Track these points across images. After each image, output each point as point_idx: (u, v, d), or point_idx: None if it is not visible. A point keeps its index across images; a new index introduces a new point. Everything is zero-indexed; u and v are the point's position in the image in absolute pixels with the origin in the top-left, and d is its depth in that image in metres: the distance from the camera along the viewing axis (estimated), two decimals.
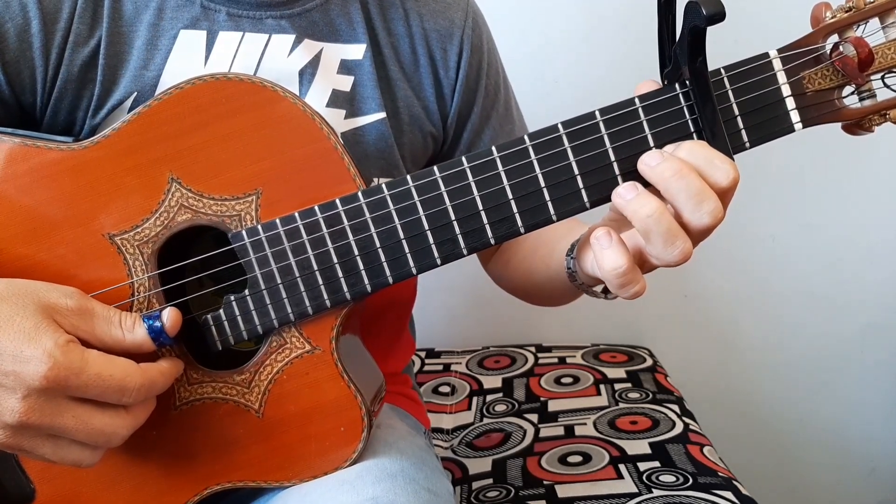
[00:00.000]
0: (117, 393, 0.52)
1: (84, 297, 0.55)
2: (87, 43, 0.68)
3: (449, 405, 1.25)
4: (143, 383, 0.54)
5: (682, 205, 0.53)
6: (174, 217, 0.60)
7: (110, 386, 0.52)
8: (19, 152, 0.59)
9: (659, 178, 0.54)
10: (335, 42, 0.75)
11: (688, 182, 0.53)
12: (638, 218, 0.54)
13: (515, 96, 0.90)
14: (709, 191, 0.53)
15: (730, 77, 0.57)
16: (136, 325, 0.56)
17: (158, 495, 0.62)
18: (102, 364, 0.52)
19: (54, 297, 0.53)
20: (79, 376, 0.51)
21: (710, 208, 0.53)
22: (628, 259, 0.55)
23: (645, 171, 0.55)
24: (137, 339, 0.56)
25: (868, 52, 0.55)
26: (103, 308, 0.56)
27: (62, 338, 0.51)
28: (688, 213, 0.54)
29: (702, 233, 0.55)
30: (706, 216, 0.53)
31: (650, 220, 0.53)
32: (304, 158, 0.59)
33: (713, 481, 0.93)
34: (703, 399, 1.41)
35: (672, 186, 0.53)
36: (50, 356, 0.50)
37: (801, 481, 1.65)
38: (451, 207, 0.58)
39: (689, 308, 1.57)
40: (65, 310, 0.53)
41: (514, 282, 0.86)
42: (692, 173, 0.53)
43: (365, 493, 0.58)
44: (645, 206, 0.54)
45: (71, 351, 0.51)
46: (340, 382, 0.61)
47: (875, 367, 1.58)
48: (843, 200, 1.50)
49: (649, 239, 0.54)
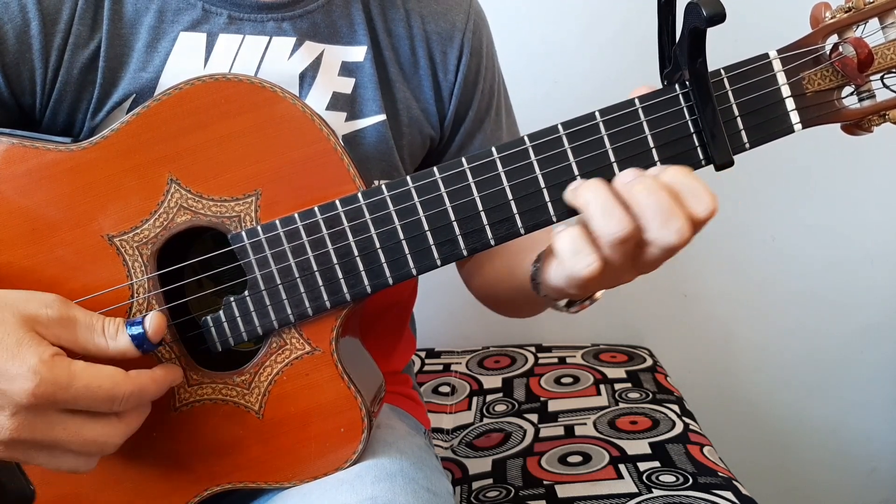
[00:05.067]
0: (107, 402, 0.52)
1: (65, 305, 0.54)
2: (88, 45, 0.68)
3: (449, 405, 1.25)
4: (133, 391, 0.53)
5: (649, 222, 0.53)
6: (173, 218, 0.60)
7: (99, 396, 0.51)
8: (18, 153, 0.59)
9: (629, 194, 0.53)
10: (336, 44, 0.74)
11: (657, 198, 0.52)
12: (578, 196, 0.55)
13: (509, 102, 0.89)
14: (679, 210, 0.52)
15: (730, 78, 0.57)
16: (119, 333, 0.55)
17: (158, 496, 0.62)
18: (90, 375, 0.51)
19: (34, 308, 0.52)
20: (66, 390, 0.50)
21: (677, 226, 0.52)
22: (580, 228, 0.55)
23: (617, 185, 0.55)
24: (121, 346, 0.55)
25: (868, 52, 0.55)
26: (86, 315, 0.54)
27: (46, 352, 0.50)
28: (654, 231, 0.53)
29: (667, 252, 0.54)
30: (673, 234, 0.52)
31: (588, 193, 0.54)
32: (304, 159, 0.59)
33: (713, 481, 0.93)
34: (703, 399, 1.40)
35: (641, 202, 0.53)
36: (35, 373, 0.49)
37: (801, 481, 1.65)
38: (452, 208, 0.58)
39: (689, 308, 1.57)
40: (46, 320, 0.52)
41: (484, 290, 0.86)
42: (663, 191, 0.53)
43: (364, 493, 0.58)
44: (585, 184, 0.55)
45: (56, 365, 0.50)
46: (340, 383, 0.61)
47: (875, 367, 1.58)
48: (844, 201, 1.50)
49: (588, 211, 0.54)
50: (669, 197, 0.52)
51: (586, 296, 0.63)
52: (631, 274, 0.58)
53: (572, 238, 0.54)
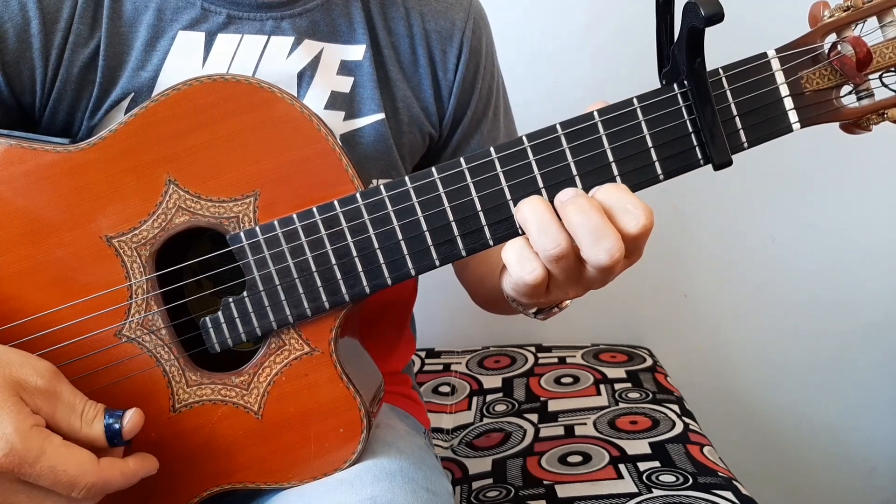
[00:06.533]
0: (66, 488, 0.51)
1: (56, 379, 0.54)
2: (87, 44, 0.68)
3: (449, 405, 1.25)
4: (96, 483, 0.52)
5: (581, 240, 0.54)
6: (172, 219, 0.60)
7: (61, 480, 0.51)
8: (16, 154, 0.59)
9: (562, 212, 0.55)
10: (335, 43, 0.74)
11: (588, 217, 0.53)
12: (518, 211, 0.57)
13: (508, 102, 0.89)
14: (610, 229, 0.53)
15: (728, 77, 0.57)
16: (95, 420, 0.54)
17: (158, 497, 0.62)
18: (59, 457, 0.51)
19: (25, 374, 0.52)
20: (32, 466, 0.50)
21: (608, 246, 0.53)
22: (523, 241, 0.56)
23: (556, 204, 0.56)
24: (93, 434, 0.54)
25: (866, 51, 0.55)
26: (71, 394, 0.54)
27: (25, 423, 0.50)
28: (586, 250, 0.54)
29: (602, 271, 0.55)
30: (603, 254, 0.53)
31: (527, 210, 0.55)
32: (302, 160, 0.59)
33: (713, 481, 0.93)
34: (703, 399, 1.40)
35: (573, 221, 0.54)
36: (8, 442, 0.49)
37: (801, 481, 1.65)
38: (450, 209, 0.58)
39: (689, 308, 1.56)
40: (33, 388, 0.52)
41: (469, 286, 0.88)
42: (593, 210, 0.54)
43: (364, 493, 0.58)
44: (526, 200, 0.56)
45: (30, 438, 0.50)
46: (339, 384, 0.61)
47: (875, 367, 1.58)
48: (843, 201, 1.49)
49: (526, 226, 0.56)
50: (599, 216, 0.54)
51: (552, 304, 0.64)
52: (578, 289, 0.59)
53: (517, 248, 0.56)
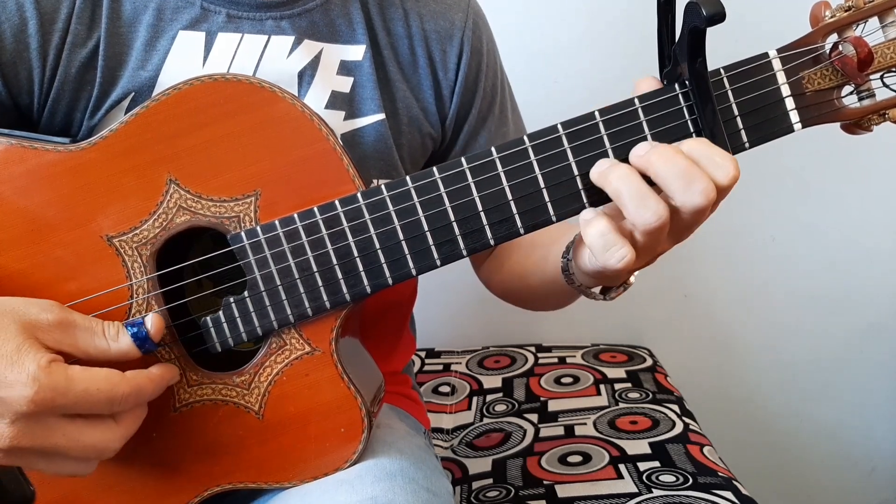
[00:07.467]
0: (106, 405, 0.52)
1: (64, 310, 0.54)
2: (86, 44, 0.68)
3: (449, 405, 1.25)
4: (130, 392, 0.53)
5: (672, 186, 0.53)
6: (173, 218, 0.59)
7: (98, 399, 0.51)
8: (16, 153, 0.59)
9: (647, 163, 0.54)
10: (335, 43, 0.74)
11: (675, 163, 0.53)
12: (608, 182, 0.54)
13: (514, 98, 0.89)
14: (698, 171, 0.53)
15: (729, 77, 0.57)
16: (119, 334, 0.55)
17: (158, 497, 0.62)
18: (87, 379, 0.51)
19: (34, 313, 0.52)
20: (65, 395, 0.50)
21: (701, 187, 0.52)
22: (608, 221, 0.55)
23: (633, 159, 0.55)
24: (122, 347, 0.55)
25: (867, 51, 0.55)
26: (84, 319, 0.54)
27: (44, 358, 0.50)
28: (679, 195, 0.53)
29: (695, 214, 0.54)
30: (697, 195, 0.52)
31: (619, 182, 0.54)
32: (303, 159, 0.59)
33: (713, 481, 0.93)
34: (703, 399, 1.40)
35: (660, 169, 0.53)
36: (34, 380, 0.49)
37: (801, 481, 1.65)
38: (451, 208, 0.58)
39: (689, 308, 1.57)
40: (46, 325, 0.52)
41: (508, 285, 0.86)
42: (678, 155, 0.53)
43: (364, 493, 0.58)
44: (614, 170, 0.54)
45: (54, 371, 0.50)
46: (340, 383, 0.61)
47: (875, 368, 1.58)
48: (843, 200, 1.50)
49: (621, 201, 0.54)
50: (686, 159, 0.53)
51: (620, 282, 0.63)
52: (666, 245, 0.58)
53: (601, 233, 0.54)
